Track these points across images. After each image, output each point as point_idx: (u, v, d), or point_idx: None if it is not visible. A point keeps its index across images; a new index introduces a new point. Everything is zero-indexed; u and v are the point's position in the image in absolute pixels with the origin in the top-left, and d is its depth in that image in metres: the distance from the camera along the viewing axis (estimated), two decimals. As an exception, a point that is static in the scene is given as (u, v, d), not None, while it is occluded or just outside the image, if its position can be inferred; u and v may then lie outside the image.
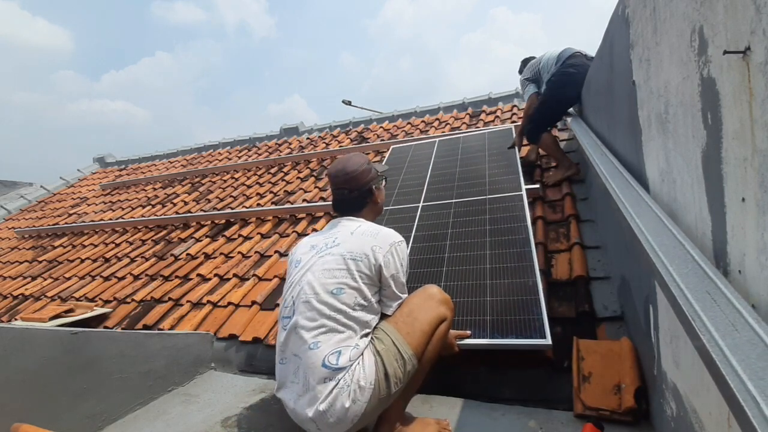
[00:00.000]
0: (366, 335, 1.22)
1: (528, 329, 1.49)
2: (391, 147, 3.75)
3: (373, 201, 1.48)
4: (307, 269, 1.28)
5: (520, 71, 3.14)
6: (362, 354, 1.17)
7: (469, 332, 1.55)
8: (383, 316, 1.31)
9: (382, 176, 1.56)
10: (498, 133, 3.30)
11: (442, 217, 2.35)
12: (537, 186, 2.56)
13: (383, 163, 3.43)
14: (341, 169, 1.44)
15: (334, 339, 1.15)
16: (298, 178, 4.21)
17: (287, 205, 3.46)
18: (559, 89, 2.66)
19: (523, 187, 2.38)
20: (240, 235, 3.28)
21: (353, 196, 1.43)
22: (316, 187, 3.84)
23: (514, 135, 3.10)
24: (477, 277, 1.82)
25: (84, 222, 4.69)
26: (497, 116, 4.28)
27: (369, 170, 1.46)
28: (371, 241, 1.28)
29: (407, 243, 2.19)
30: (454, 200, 2.49)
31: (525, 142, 3.29)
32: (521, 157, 2.89)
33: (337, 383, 1.11)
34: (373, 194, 1.47)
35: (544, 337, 1.44)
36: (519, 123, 3.21)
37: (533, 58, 3.05)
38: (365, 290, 1.23)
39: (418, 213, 2.48)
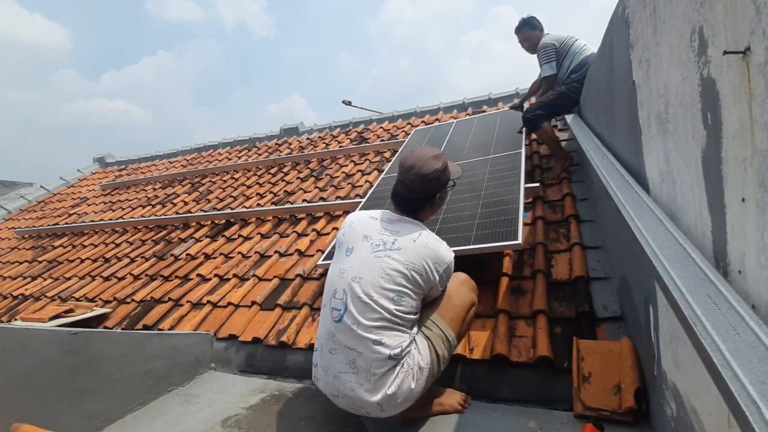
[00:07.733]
0: (415, 327, 1.33)
1: (505, 237, 1.84)
2: (413, 130, 4.16)
3: (431, 208, 1.44)
4: (363, 264, 1.29)
5: (519, 29, 3.09)
6: (415, 340, 1.28)
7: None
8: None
9: (452, 185, 1.49)
10: (509, 114, 3.70)
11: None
12: (537, 185, 2.56)
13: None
14: (416, 169, 1.37)
15: (393, 334, 1.23)
16: (298, 178, 4.21)
17: (287, 206, 3.46)
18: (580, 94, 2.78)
19: (524, 146, 2.81)
20: (240, 236, 3.28)
21: (414, 197, 1.39)
22: (316, 187, 3.84)
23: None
24: (472, 208, 2.25)
25: (84, 222, 4.69)
26: (497, 116, 4.29)
27: (440, 178, 1.40)
28: (433, 257, 1.30)
29: None
30: (464, 161, 2.99)
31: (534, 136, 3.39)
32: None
33: (402, 367, 1.22)
34: (434, 202, 1.43)
35: (516, 239, 1.77)
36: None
37: (537, 20, 3.05)
38: (418, 300, 1.31)
39: None
